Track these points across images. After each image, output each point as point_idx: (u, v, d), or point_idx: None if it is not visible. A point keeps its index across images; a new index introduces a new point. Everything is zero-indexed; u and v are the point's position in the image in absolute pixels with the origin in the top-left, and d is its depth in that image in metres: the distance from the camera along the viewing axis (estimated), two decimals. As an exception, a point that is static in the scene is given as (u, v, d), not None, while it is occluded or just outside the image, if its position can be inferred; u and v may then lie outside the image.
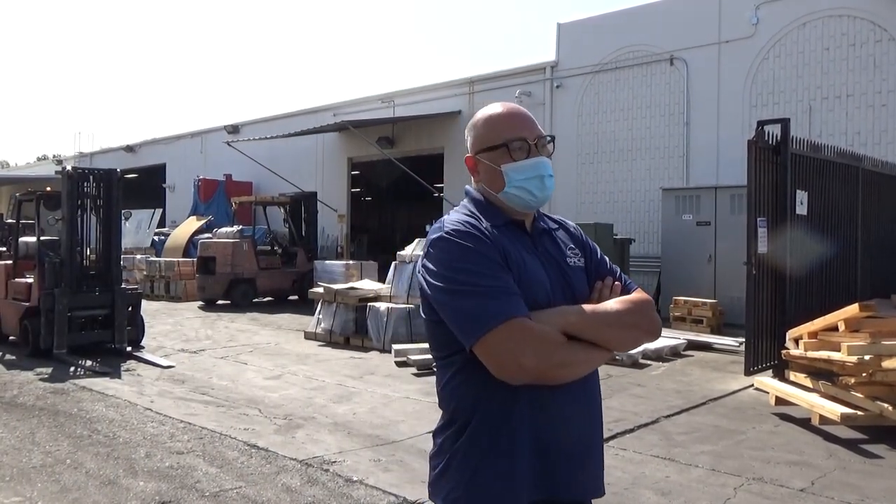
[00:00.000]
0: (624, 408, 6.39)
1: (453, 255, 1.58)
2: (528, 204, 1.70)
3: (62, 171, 9.44)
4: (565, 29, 16.24)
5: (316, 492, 4.33)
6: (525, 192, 1.68)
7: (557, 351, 1.53)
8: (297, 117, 22.08)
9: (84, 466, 4.80)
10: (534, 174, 1.68)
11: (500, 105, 1.75)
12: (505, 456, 1.59)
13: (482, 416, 1.60)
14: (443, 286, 1.57)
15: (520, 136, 1.69)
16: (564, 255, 1.75)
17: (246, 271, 15.37)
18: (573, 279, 1.71)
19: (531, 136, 1.70)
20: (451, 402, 1.68)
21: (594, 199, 15.45)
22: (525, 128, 1.71)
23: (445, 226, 1.65)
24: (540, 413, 1.59)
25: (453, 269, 1.57)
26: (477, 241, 1.60)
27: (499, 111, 1.74)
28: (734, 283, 10.70)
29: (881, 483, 4.52)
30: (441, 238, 1.62)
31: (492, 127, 1.73)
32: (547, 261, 1.70)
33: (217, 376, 7.85)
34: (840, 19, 12.31)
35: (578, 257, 1.77)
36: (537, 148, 1.70)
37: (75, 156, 32.39)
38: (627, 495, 4.30)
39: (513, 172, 1.68)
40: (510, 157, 1.68)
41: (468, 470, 1.61)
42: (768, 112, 12.59)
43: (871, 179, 9.74)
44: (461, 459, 1.62)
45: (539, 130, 1.73)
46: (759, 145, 7.51)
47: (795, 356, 6.69)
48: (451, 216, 1.71)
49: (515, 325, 1.50)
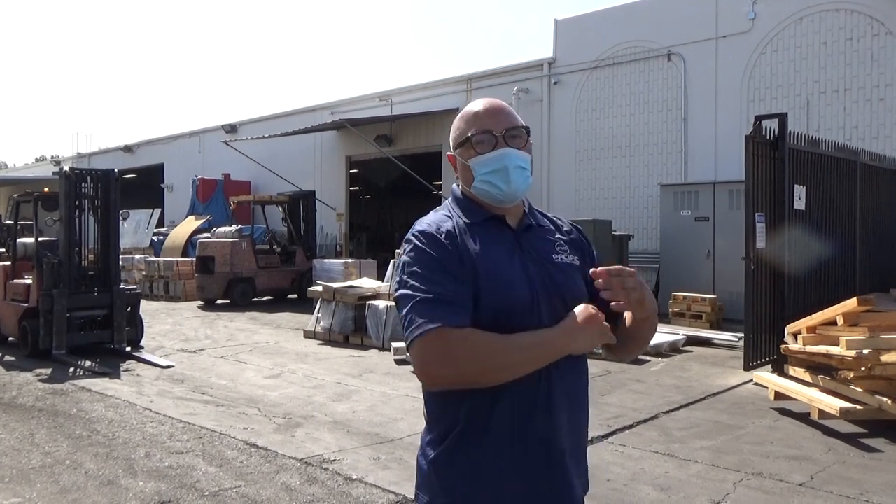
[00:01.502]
0: (623, 404, 6.39)
1: (410, 257, 1.62)
2: (496, 197, 1.66)
3: (60, 172, 9.43)
4: (563, 25, 16.23)
5: (315, 490, 4.33)
6: (490, 185, 1.65)
7: (482, 359, 1.49)
8: (294, 116, 22.06)
9: (83, 467, 4.80)
10: (497, 166, 1.65)
11: (478, 101, 1.73)
12: (487, 459, 1.57)
13: (462, 420, 1.58)
14: (398, 287, 1.61)
15: (484, 129, 1.66)
16: (551, 252, 1.70)
17: (245, 270, 15.37)
18: (557, 276, 1.66)
19: (498, 128, 1.66)
20: (431, 405, 1.67)
21: (592, 195, 15.44)
22: (492, 120, 1.67)
23: (415, 226, 1.67)
24: (522, 415, 1.57)
25: (407, 273, 1.60)
26: (433, 243, 1.59)
27: (472, 107, 1.72)
28: (733, 278, 10.72)
29: (880, 477, 4.52)
30: (406, 239, 1.66)
31: (462, 122, 1.71)
32: (530, 257, 1.65)
33: (216, 376, 7.85)
34: (837, 14, 12.30)
35: (567, 254, 1.72)
36: (505, 140, 1.66)
37: (73, 156, 32.37)
38: (627, 491, 4.30)
39: (477, 166, 1.67)
40: (475, 151, 1.67)
41: (449, 476, 1.60)
42: (766, 107, 12.58)
43: (870, 174, 9.74)
44: (442, 465, 1.62)
45: (510, 122, 1.68)
46: (756, 140, 7.52)
47: (794, 351, 6.69)
48: (427, 216, 1.71)
49: (439, 335, 1.48)
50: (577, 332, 1.54)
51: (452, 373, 1.50)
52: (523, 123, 1.71)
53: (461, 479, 1.59)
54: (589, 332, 1.55)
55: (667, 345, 9.13)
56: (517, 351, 1.51)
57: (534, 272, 1.63)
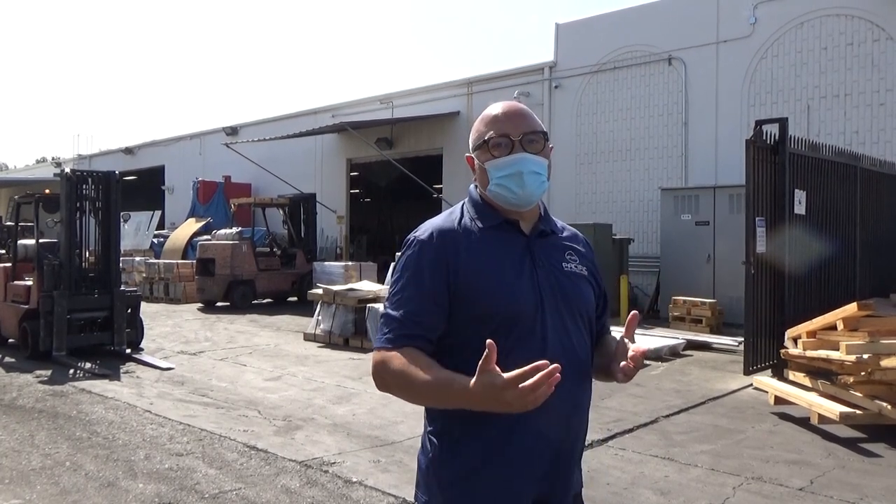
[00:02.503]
0: (623, 408, 6.39)
1: (400, 263, 1.70)
2: (510, 201, 1.66)
3: (61, 174, 9.43)
4: (564, 29, 16.25)
5: (315, 493, 4.33)
6: (505, 189, 1.65)
7: (400, 386, 1.58)
8: (295, 119, 22.08)
9: (83, 468, 4.80)
10: (512, 171, 1.63)
11: (498, 104, 1.73)
12: (483, 460, 1.58)
13: (459, 421, 1.59)
14: (389, 288, 1.70)
15: (502, 133, 1.65)
16: (561, 260, 1.70)
17: (245, 273, 15.36)
18: (566, 284, 1.67)
19: (515, 132, 1.65)
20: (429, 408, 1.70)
21: (593, 199, 15.45)
22: (511, 124, 1.66)
23: (416, 231, 1.70)
24: (521, 416, 1.53)
25: (393, 279, 1.69)
26: (425, 250, 1.64)
27: (491, 110, 1.71)
28: (733, 282, 10.72)
29: (880, 482, 4.52)
30: (404, 241, 1.72)
31: (481, 125, 1.71)
32: (540, 264, 1.66)
33: (216, 378, 7.85)
34: (838, 18, 12.32)
35: (577, 263, 1.73)
36: (522, 144, 1.65)
37: (74, 158, 32.39)
38: (626, 495, 4.30)
39: (493, 169, 1.66)
40: (491, 155, 1.67)
41: (446, 478, 1.61)
42: (766, 111, 12.60)
43: (870, 178, 9.75)
44: (437, 466, 1.63)
45: (528, 127, 1.67)
46: (757, 145, 7.52)
47: (794, 355, 6.70)
48: (434, 218, 1.73)
49: (381, 354, 1.59)
50: (485, 398, 1.38)
51: (386, 390, 1.62)
52: (542, 128, 1.70)
53: (457, 481, 1.60)
54: (499, 402, 1.37)
55: (667, 349, 9.13)
56: (423, 387, 1.52)
57: (542, 279, 1.64)
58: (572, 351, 1.63)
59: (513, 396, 1.33)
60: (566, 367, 1.58)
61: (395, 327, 1.59)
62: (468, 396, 1.40)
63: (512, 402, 1.34)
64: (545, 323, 1.59)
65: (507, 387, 1.33)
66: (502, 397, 1.34)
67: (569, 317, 1.63)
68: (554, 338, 1.60)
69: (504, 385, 1.33)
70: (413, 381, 1.52)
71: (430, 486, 1.64)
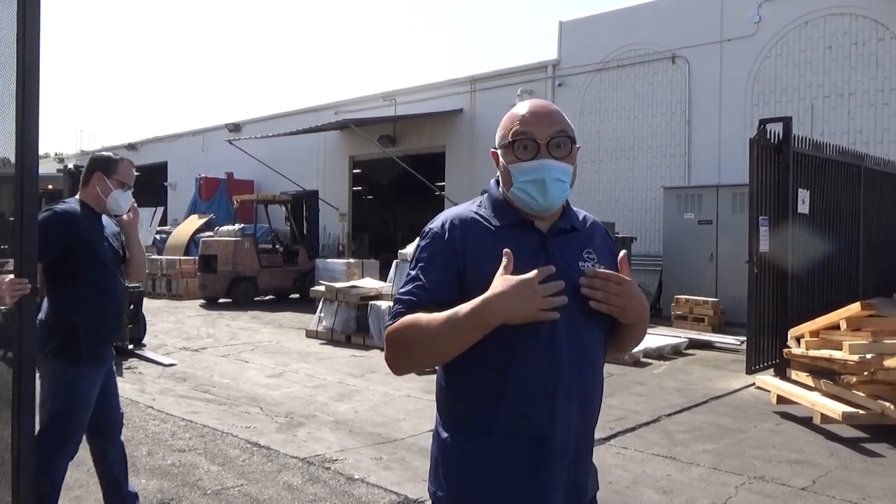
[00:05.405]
0: (625, 406, 6.39)
1: (416, 247, 1.69)
2: (531, 207, 1.62)
3: (64, 170, 9.45)
4: (567, 27, 16.24)
5: (317, 490, 4.33)
6: (527, 194, 1.61)
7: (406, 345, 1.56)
8: (298, 116, 22.09)
9: (85, 464, 4.78)
10: (536, 177, 1.59)
11: (526, 103, 1.68)
12: (491, 454, 1.57)
13: (468, 413, 1.59)
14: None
15: (528, 135, 1.60)
16: (577, 259, 1.65)
17: (247, 270, 15.38)
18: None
19: (542, 135, 1.60)
20: (438, 396, 1.69)
21: (596, 197, 15.44)
22: (537, 126, 1.61)
23: (434, 220, 1.70)
24: (530, 410, 1.56)
25: (409, 265, 1.68)
26: (436, 241, 1.63)
27: (519, 109, 1.66)
28: (736, 281, 10.69)
29: (882, 482, 4.51)
30: (421, 232, 1.71)
31: (508, 122, 1.66)
32: (555, 263, 1.57)
33: (218, 374, 7.86)
34: (842, 17, 12.30)
35: (595, 262, 1.66)
36: (548, 148, 1.60)
37: (77, 154, 32.40)
38: (629, 494, 4.30)
39: (517, 172, 1.62)
40: (515, 157, 1.63)
41: (452, 472, 1.61)
42: (770, 110, 12.58)
43: (873, 178, 9.73)
44: (445, 461, 1.62)
45: (555, 129, 1.61)
46: (760, 144, 7.51)
47: (797, 355, 6.69)
48: (449, 209, 1.72)
49: (392, 328, 1.57)
50: (492, 299, 1.44)
51: (399, 359, 1.60)
52: (571, 130, 1.64)
53: (465, 475, 1.59)
54: (508, 296, 1.44)
55: (669, 348, 9.12)
56: (435, 324, 1.49)
57: (559, 279, 1.57)
58: (583, 352, 1.60)
59: (529, 292, 1.43)
60: (576, 368, 1.58)
61: (404, 301, 1.59)
62: (483, 304, 1.44)
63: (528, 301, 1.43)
64: (556, 322, 1.54)
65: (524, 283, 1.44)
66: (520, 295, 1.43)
67: (583, 317, 1.59)
68: (565, 338, 1.57)
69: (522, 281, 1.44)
70: (423, 325, 1.51)
71: (438, 478, 1.64)
